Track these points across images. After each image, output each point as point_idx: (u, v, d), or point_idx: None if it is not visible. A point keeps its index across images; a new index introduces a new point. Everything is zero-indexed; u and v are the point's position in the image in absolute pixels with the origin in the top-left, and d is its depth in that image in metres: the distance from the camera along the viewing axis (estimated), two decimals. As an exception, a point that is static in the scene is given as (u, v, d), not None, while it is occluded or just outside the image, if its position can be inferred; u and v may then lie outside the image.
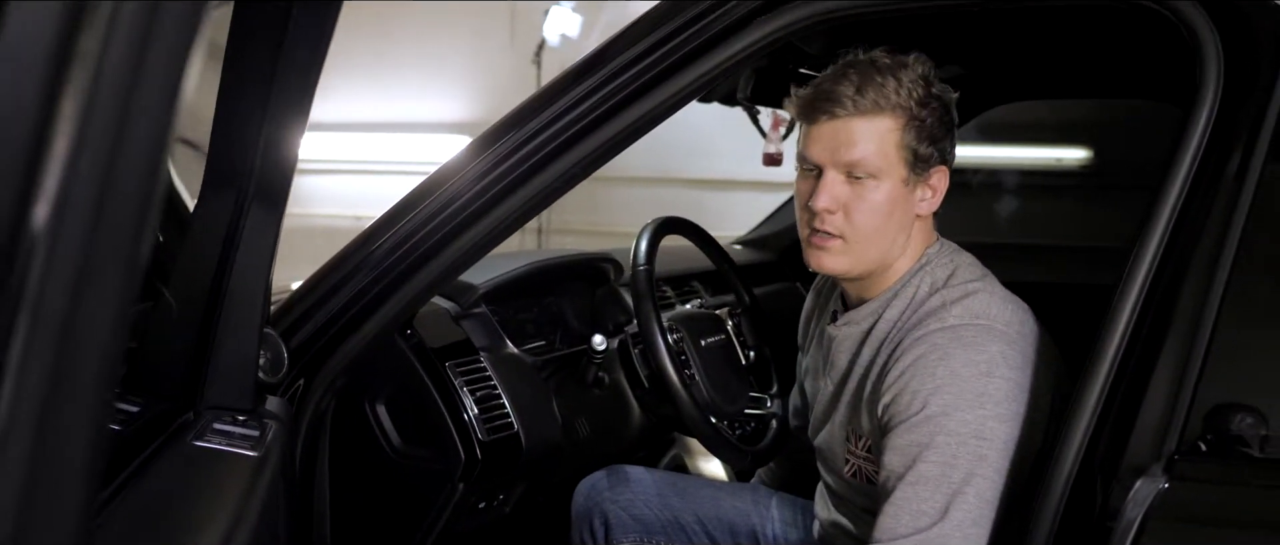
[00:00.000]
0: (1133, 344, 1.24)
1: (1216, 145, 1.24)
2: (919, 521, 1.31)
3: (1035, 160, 3.65)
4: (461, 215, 1.56)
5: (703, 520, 1.82)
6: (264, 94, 1.22)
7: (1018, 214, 3.53)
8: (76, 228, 0.45)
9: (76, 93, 0.43)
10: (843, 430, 1.53)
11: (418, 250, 1.57)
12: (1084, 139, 3.53)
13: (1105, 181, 3.59)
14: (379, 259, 1.57)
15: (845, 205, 1.43)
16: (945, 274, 1.46)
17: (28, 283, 0.44)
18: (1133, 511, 1.13)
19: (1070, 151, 3.62)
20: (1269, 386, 1.19)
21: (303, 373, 1.61)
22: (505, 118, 1.56)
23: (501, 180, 1.54)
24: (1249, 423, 1.15)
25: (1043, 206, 3.66)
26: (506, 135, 1.53)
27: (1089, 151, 3.58)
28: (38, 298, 0.44)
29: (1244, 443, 1.15)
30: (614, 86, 1.50)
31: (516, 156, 1.53)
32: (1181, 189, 1.25)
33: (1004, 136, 3.39)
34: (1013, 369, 1.35)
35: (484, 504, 1.86)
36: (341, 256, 1.62)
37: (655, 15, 1.52)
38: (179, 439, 1.18)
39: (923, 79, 1.42)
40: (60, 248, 0.44)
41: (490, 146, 1.54)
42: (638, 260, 1.82)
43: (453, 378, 1.76)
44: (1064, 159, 3.66)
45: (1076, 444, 1.24)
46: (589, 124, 1.51)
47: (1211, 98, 1.26)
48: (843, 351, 1.54)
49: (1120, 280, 1.26)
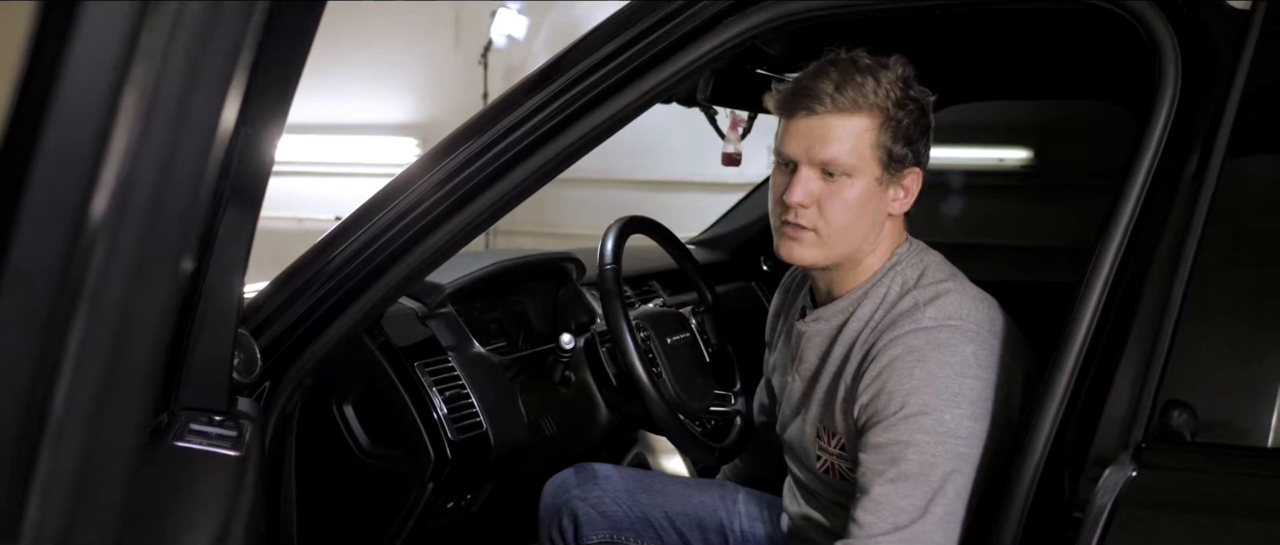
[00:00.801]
0: (1097, 338, 1.28)
1: (1176, 144, 1.29)
2: (899, 518, 1.35)
3: (979, 161, 3.72)
4: (429, 217, 1.56)
5: (671, 517, 1.84)
6: (241, 94, 1.21)
7: (965, 214, 3.59)
8: (135, 221, 0.45)
9: (139, 88, 0.44)
10: (814, 427, 1.55)
11: (384, 251, 1.58)
12: (1026, 140, 3.61)
13: (1046, 182, 3.67)
14: (346, 260, 1.57)
15: (819, 200, 1.45)
16: (916, 274, 1.49)
17: (88, 274, 0.44)
18: (1102, 499, 1.16)
19: (1012, 152, 3.70)
20: (1224, 380, 1.23)
21: (269, 374, 1.60)
22: (471, 121, 1.57)
23: (468, 183, 1.55)
24: (1193, 416, 1.19)
25: (987, 206, 3.73)
26: (472, 138, 1.54)
27: (1030, 152, 3.65)
28: (97, 289, 0.44)
29: (1200, 432, 1.19)
30: (581, 88, 1.52)
31: (483, 159, 1.54)
32: (1142, 187, 1.29)
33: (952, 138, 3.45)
34: (985, 368, 1.39)
35: (452, 504, 1.86)
36: (308, 258, 1.61)
37: (622, 16, 1.53)
38: (158, 440, 1.17)
39: (901, 80, 1.45)
40: (120, 240, 0.45)
41: (457, 149, 1.55)
42: (604, 259, 1.83)
43: (422, 377, 1.76)
44: (1006, 159, 3.74)
45: (1044, 435, 1.28)
46: (556, 126, 1.52)
47: (1170, 98, 1.30)
48: (813, 348, 1.56)
49: (1084, 275, 1.30)
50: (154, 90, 0.44)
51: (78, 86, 0.42)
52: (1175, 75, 1.30)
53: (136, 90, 0.44)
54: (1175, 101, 1.30)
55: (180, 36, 0.44)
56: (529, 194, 1.58)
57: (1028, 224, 3.51)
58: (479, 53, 5.72)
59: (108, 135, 0.43)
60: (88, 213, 0.43)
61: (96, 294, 0.44)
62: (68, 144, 0.42)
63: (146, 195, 0.45)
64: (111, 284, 0.45)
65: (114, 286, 0.45)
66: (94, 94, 0.42)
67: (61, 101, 0.42)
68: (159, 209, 0.46)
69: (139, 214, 0.45)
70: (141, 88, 0.44)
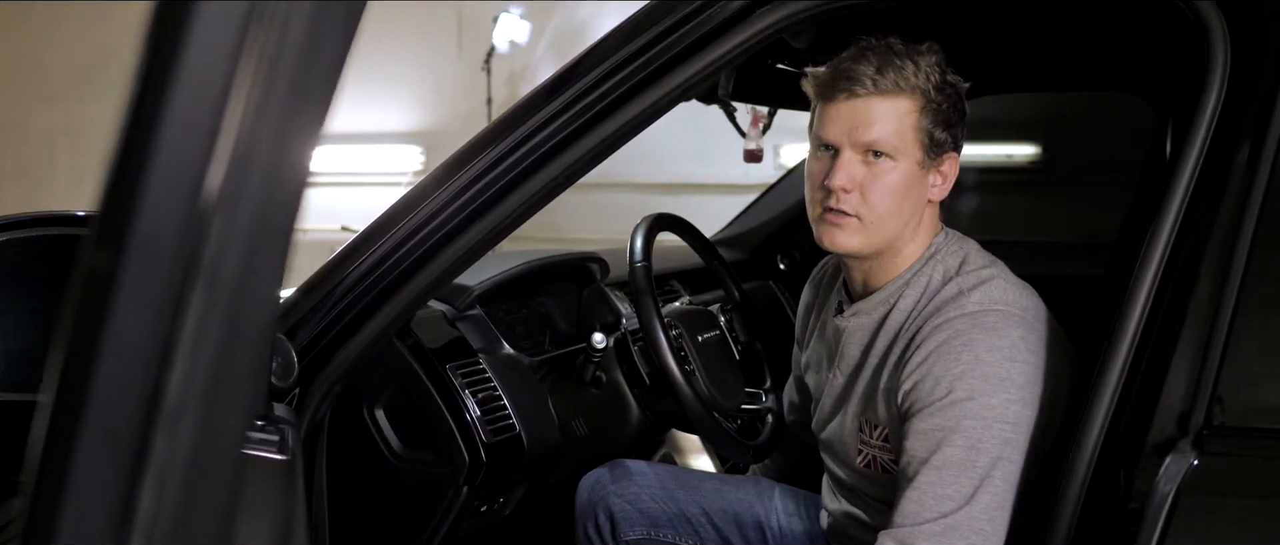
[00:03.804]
0: (1150, 325, 1.26)
1: (1226, 129, 1.27)
2: (944, 506, 1.32)
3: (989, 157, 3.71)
4: (455, 220, 1.55)
5: (708, 512, 1.82)
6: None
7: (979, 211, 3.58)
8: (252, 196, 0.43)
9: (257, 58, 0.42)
10: (856, 421, 1.53)
11: (412, 256, 1.56)
12: (1036, 135, 3.60)
13: (1058, 177, 3.66)
14: (374, 264, 1.55)
15: (861, 185, 1.43)
16: (957, 261, 1.48)
17: (206, 250, 0.42)
18: (1164, 488, 1.14)
19: (1022, 148, 3.69)
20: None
21: (300, 380, 1.59)
22: (496, 122, 1.55)
23: (494, 185, 1.53)
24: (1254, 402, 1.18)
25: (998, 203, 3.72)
26: (498, 140, 1.52)
27: (1040, 148, 3.64)
28: (214, 267, 0.43)
29: (1262, 418, 1.17)
30: (605, 89, 1.49)
31: (507, 162, 1.52)
32: (1192, 172, 1.27)
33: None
34: (1033, 354, 1.37)
35: (485, 507, 1.84)
36: (336, 262, 1.60)
37: (643, 15, 1.51)
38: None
39: (937, 66, 1.44)
40: (238, 217, 0.43)
41: (482, 152, 1.53)
42: (635, 256, 1.82)
43: (454, 380, 1.74)
44: (1015, 156, 3.73)
45: (1098, 425, 1.26)
46: (576, 131, 1.50)
47: (1219, 81, 1.28)
48: (854, 343, 1.54)
49: (1136, 263, 1.28)
50: (273, 61, 0.42)
51: (199, 54, 0.40)
52: (1224, 56, 1.28)
53: (254, 60, 0.42)
54: (1224, 85, 1.28)
55: (292, 31, 0.43)
56: (555, 195, 1.57)
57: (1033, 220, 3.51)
58: (482, 58, 5.70)
59: (224, 106, 0.41)
60: (204, 186, 0.41)
61: (213, 272, 0.42)
62: (189, 114, 0.40)
63: (262, 171, 0.43)
64: (228, 262, 0.43)
65: (231, 265, 0.43)
66: (215, 63, 0.40)
67: (184, 68, 0.40)
68: (274, 185, 0.44)
69: (255, 190, 0.43)
70: (259, 57, 0.42)
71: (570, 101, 1.50)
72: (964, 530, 1.31)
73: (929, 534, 1.32)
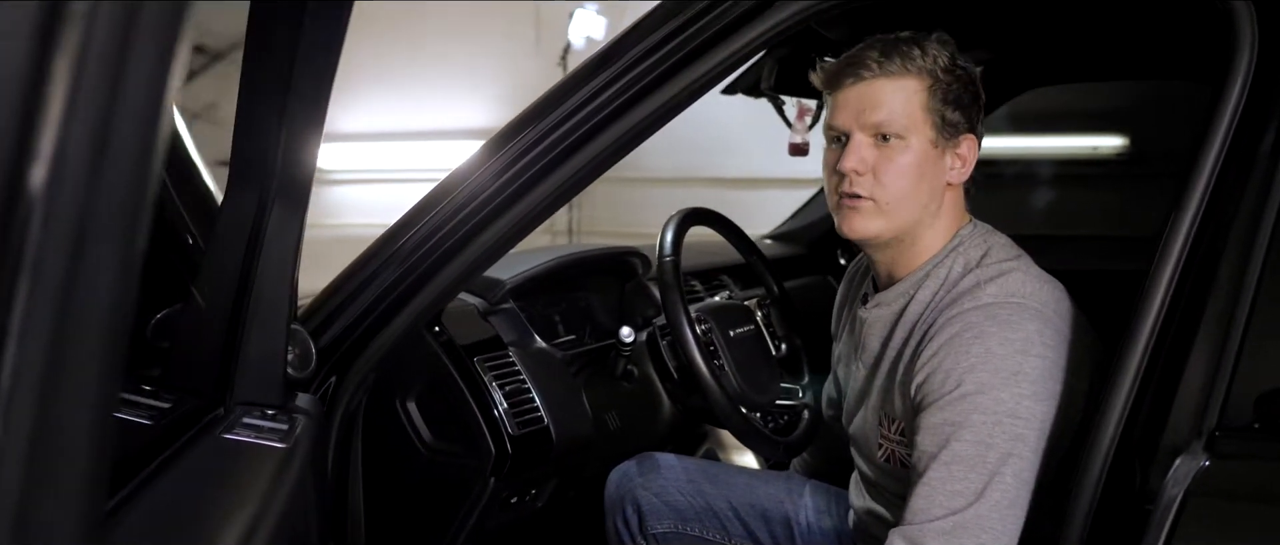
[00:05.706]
0: (1168, 323, 1.22)
1: (1251, 120, 1.21)
2: (954, 502, 1.29)
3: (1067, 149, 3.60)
4: (485, 210, 1.55)
5: (736, 507, 1.80)
6: (282, 93, 1.22)
7: (1048, 205, 3.48)
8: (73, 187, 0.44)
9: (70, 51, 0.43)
10: (876, 414, 1.51)
11: (443, 246, 1.57)
12: (1116, 126, 3.49)
13: (1141, 169, 3.54)
14: (405, 255, 1.57)
15: (874, 167, 1.42)
16: (979, 254, 1.44)
17: (27, 245, 0.43)
18: (1173, 489, 1.10)
19: (1103, 140, 3.58)
20: None
21: (334, 370, 1.61)
22: (524, 112, 1.56)
23: (525, 173, 1.53)
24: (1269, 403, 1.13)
25: (1073, 196, 3.61)
26: (527, 128, 1.52)
27: (1123, 139, 3.53)
28: (37, 260, 0.44)
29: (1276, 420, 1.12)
30: (637, 73, 1.49)
31: (539, 149, 1.52)
32: (1215, 165, 1.22)
33: (1034, 126, 3.35)
34: (1048, 348, 1.33)
35: (516, 499, 1.86)
36: (367, 254, 1.62)
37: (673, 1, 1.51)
38: (209, 433, 1.18)
39: (946, 49, 1.44)
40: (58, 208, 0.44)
41: (512, 140, 1.54)
42: (664, 251, 1.81)
43: (482, 373, 1.76)
44: (1099, 147, 3.62)
45: (1113, 424, 1.22)
46: (611, 114, 1.50)
47: (1244, 69, 1.23)
48: (874, 334, 1.52)
49: (1154, 260, 1.24)
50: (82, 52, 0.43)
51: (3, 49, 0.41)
52: (1251, 43, 1.23)
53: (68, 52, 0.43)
54: (1250, 73, 1.23)
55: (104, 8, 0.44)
56: (585, 184, 1.56)
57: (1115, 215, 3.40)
58: (558, 54, 5.74)
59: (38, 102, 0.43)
60: (23, 182, 0.43)
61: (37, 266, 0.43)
62: None
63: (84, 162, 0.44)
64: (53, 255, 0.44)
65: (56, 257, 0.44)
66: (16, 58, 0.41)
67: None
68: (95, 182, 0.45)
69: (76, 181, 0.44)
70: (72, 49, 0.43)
71: (601, 88, 1.49)
72: (973, 527, 1.28)
73: (938, 531, 1.29)
